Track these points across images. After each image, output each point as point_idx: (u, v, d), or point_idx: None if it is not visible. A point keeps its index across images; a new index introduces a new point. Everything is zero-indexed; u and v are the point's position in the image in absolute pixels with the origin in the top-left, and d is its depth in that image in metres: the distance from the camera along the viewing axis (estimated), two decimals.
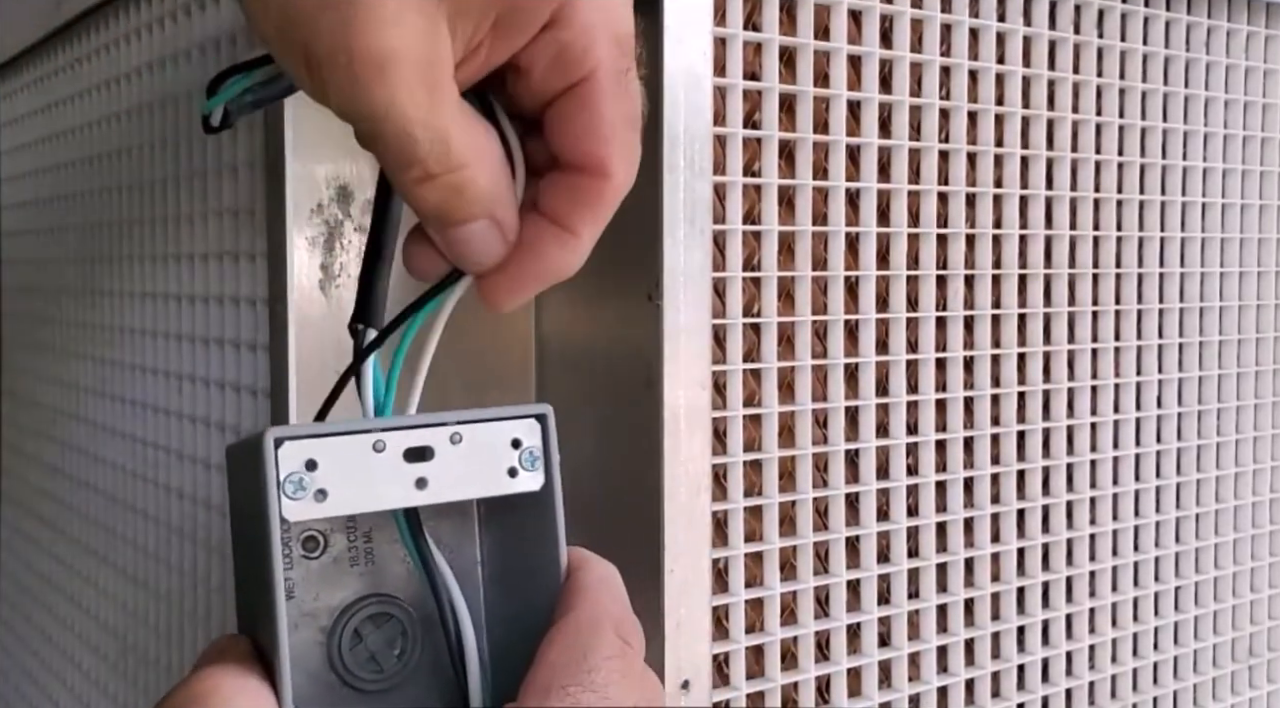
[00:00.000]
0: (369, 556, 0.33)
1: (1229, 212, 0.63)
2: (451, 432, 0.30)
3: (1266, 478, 0.66)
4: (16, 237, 0.80)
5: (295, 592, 0.32)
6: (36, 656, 0.76)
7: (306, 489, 0.29)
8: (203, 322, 0.52)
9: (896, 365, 0.51)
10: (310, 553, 0.32)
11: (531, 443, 0.31)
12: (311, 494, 0.29)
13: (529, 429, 0.31)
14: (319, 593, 0.32)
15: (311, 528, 0.32)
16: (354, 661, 0.32)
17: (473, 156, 0.29)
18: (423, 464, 0.30)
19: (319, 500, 0.29)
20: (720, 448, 0.47)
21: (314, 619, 0.32)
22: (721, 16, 0.45)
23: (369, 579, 0.33)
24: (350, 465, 0.29)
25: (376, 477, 0.29)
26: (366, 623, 0.32)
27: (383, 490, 0.30)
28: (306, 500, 0.29)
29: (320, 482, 0.29)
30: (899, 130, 0.51)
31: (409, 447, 0.30)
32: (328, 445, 0.29)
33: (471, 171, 0.29)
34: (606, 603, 0.31)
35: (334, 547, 0.32)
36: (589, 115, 0.30)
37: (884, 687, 0.52)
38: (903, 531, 0.52)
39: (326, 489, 0.29)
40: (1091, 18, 0.57)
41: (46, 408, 0.74)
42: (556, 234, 0.31)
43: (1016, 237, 0.55)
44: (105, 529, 0.64)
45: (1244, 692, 0.66)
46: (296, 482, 0.29)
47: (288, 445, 0.29)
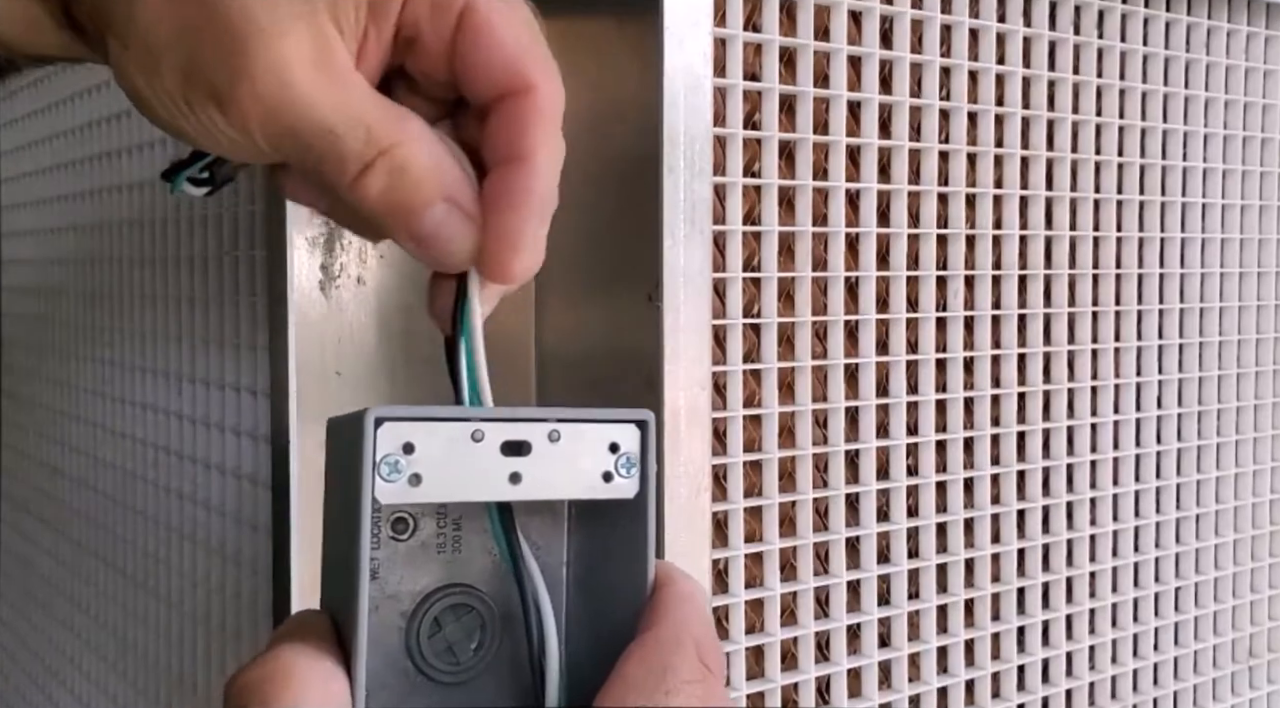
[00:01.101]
0: (456, 544, 0.32)
1: (1229, 212, 0.63)
2: (551, 429, 0.30)
3: (1266, 479, 0.66)
4: (16, 237, 0.80)
5: (380, 572, 0.31)
6: (36, 656, 0.76)
7: (402, 472, 0.28)
8: (202, 322, 0.52)
9: (896, 366, 0.51)
10: (399, 535, 0.32)
11: (630, 449, 0.31)
12: (406, 478, 0.28)
13: (629, 435, 0.31)
14: (403, 576, 0.32)
15: (402, 510, 0.32)
16: (431, 649, 0.32)
17: (402, 135, 0.29)
18: (519, 459, 0.30)
19: (413, 485, 0.29)
20: (720, 448, 0.47)
21: (395, 602, 0.32)
22: (721, 17, 0.46)
23: (454, 568, 0.32)
24: (447, 453, 0.29)
25: (472, 467, 0.29)
26: (447, 613, 0.32)
27: (477, 481, 0.29)
28: (401, 484, 0.28)
29: (416, 466, 0.29)
30: (899, 131, 0.51)
31: (507, 440, 0.29)
32: (427, 430, 0.29)
33: (405, 148, 0.29)
34: (692, 623, 0.30)
35: (423, 531, 0.32)
36: (486, 38, 0.30)
37: (884, 688, 0.52)
38: (903, 531, 0.52)
39: (421, 474, 0.29)
40: (1091, 18, 0.57)
41: (46, 409, 0.74)
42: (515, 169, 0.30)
43: (1016, 237, 0.55)
44: (105, 530, 0.64)
45: (1244, 692, 0.66)
46: (392, 464, 0.28)
47: (388, 426, 0.28)
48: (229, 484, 0.50)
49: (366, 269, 0.45)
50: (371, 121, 0.29)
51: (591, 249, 0.47)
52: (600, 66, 0.46)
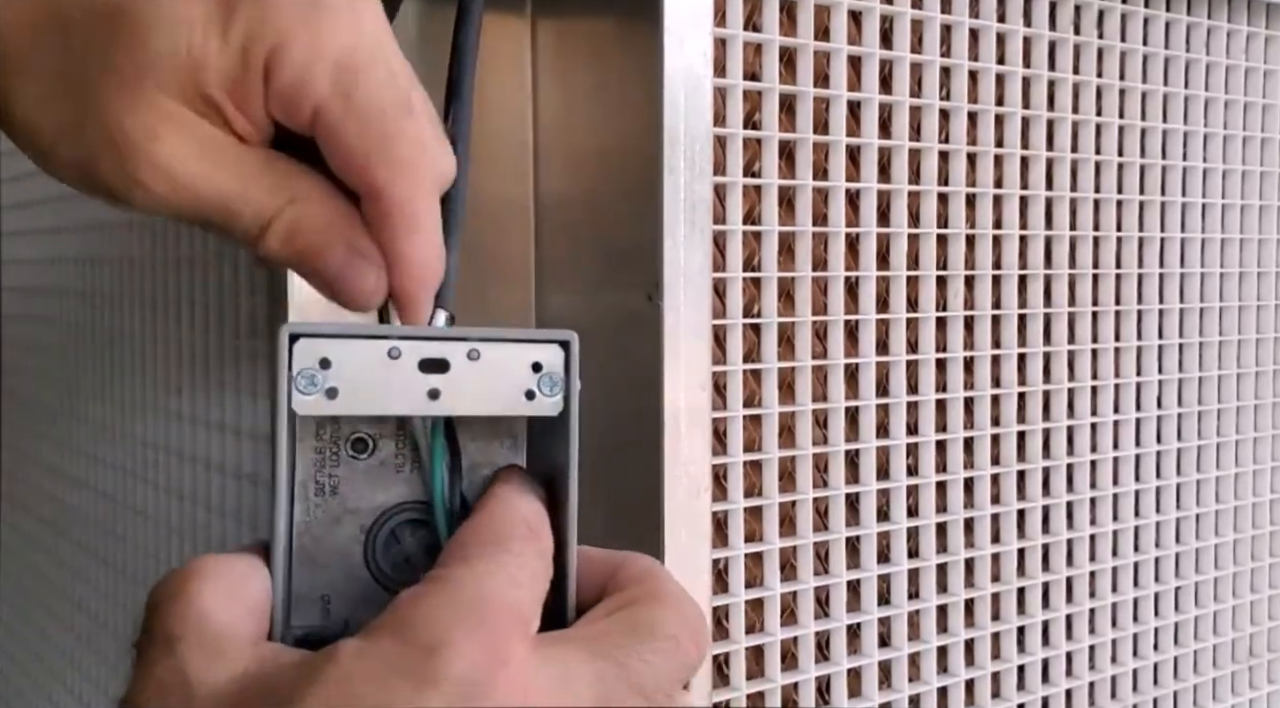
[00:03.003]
0: (415, 464, 0.33)
1: (1229, 212, 0.63)
2: (470, 348, 0.31)
3: (1266, 479, 0.66)
4: (17, 237, 0.80)
5: (340, 488, 0.33)
6: (37, 656, 0.76)
7: (318, 386, 0.30)
8: (202, 323, 0.52)
9: (896, 366, 0.51)
10: (358, 454, 0.33)
11: (553, 368, 0.31)
12: (322, 391, 0.30)
13: (551, 354, 0.32)
14: (363, 492, 0.33)
15: (360, 431, 0.33)
16: (388, 561, 0.33)
17: (291, 198, 0.31)
18: (437, 376, 0.30)
19: (330, 398, 0.30)
20: (720, 448, 0.47)
21: (355, 516, 0.33)
22: (721, 17, 0.46)
23: (414, 487, 0.33)
24: (364, 369, 0.30)
25: (389, 383, 0.30)
26: (404, 527, 0.33)
27: (393, 397, 0.30)
28: (317, 396, 0.30)
29: (332, 380, 0.30)
30: (899, 131, 0.51)
31: (425, 357, 0.30)
32: (343, 346, 0.30)
33: (296, 208, 0.31)
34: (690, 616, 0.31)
35: (382, 451, 0.33)
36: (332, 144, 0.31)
37: (884, 687, 0.52)
38: (903, 531, 0.52)
39: (338, 388, 0.30)
40: (1091, 18, 0.57)
41: (46, 409, 0.74)
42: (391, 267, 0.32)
43: (1016, 237, 0.55)
44: (105, 530, 0.64)
45: (1244, 692, 0.66)
46: (309, 377, 0.30)
47: (304, 342, 0.30)
48: (229, 484, 0.50)
49: None
50: (260, 192, 0.31)
51: (591, 249, 0.47)
52: (600, 66, 0.46)
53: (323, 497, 0.32)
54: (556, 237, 0.49)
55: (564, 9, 0.48)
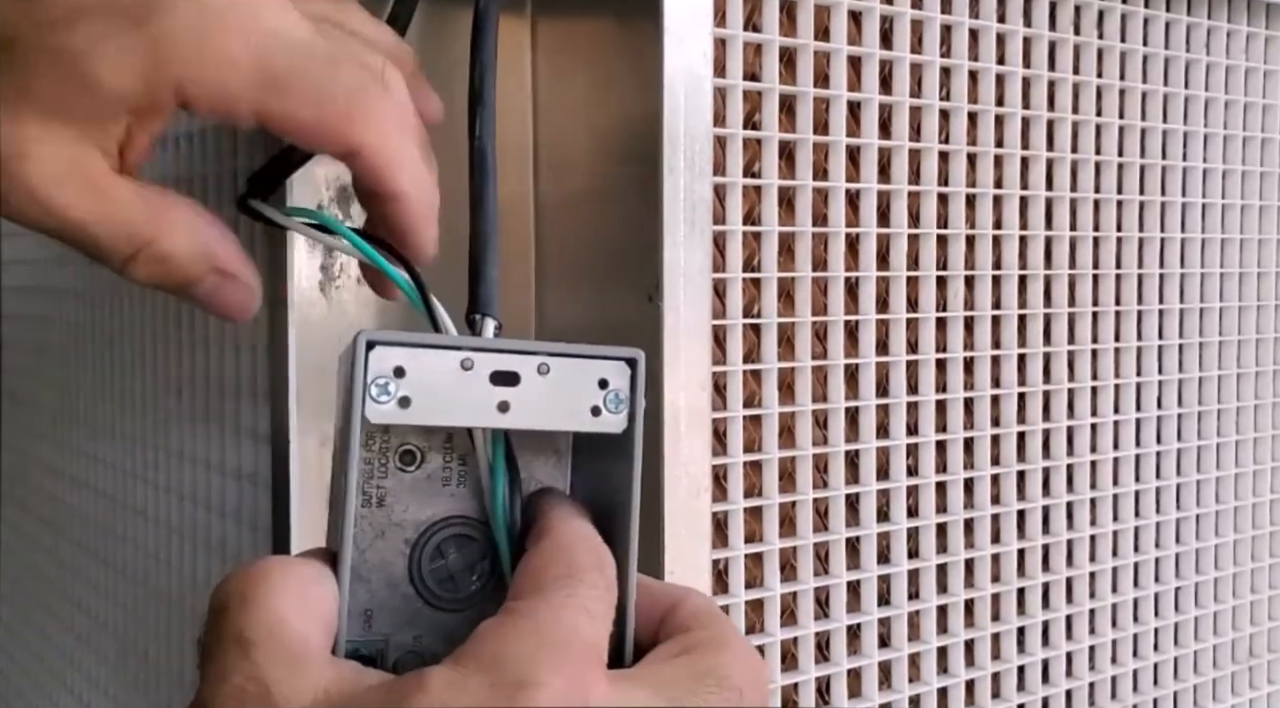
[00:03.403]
0: (462, 478, 0.33)
1: (1229, 212, 0.63)
2: (540, 362, 0.31)
3: (1267, 479, 0.66)
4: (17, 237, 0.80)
5: (387, 500, 0.33)
6: (36, 656, 0.76)
7: (391, 394, 0.30)
8: (202, 323, 0.52)
9: (896, 366, 0.51)
10: (406, 466, 0.33)
11: (619, 385, 0.32)
12: (396, 399, 0.30)
13: (618, 371, 0.32)
14: (409, 506, 0.33)
15: (409, 442, 0.33)
16: (432, 577, 0.33)
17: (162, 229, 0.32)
18: (508, 389, 0.31)
19: (402, 407, 0.30)
20: (720, 449, 0.47)
21: (400, 530, 0.33)
22: (721, 17, 0.46)
23: (460, 502, 0.33)
24: (437, 379, 0.30)
25: (461, 394, 0.30)
26: (449, 542, 0.33)
27: (465, 408, 0.31)
28: (390, 405, 0.30)
29: (405, 389, 0.30)
30: (899, 131, 0.51)
31: (496, 369, 0.31)
32: (417, 355, 0.30)
33: (166, 240, 0.32)
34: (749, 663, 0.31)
35: (430, 463, 0.33)
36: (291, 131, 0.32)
37: (884, 688, 0.52)
38: (903, 531, 0.52)
39: (410, 397, 0.30)
40: (1091, 19, 0.57)
41: (46, 409, 0.74)
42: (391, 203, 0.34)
43: (1016, 237, 0.55)
44: (105, 530, 0.64)
45: (1244, 693, 0.66)
46: (382, 386, 0.30)
47: (379, 349, 0.30)
48: (229, 484, 0.50)
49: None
50: (130, 221, 0.31)
51: (591, 249, 0.47)
52: (600, 66, 0.46)
53: (369, 508, 0.32)
54: (556, 237, 0.49)
55: (564, 9, 0.48)
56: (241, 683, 0.27)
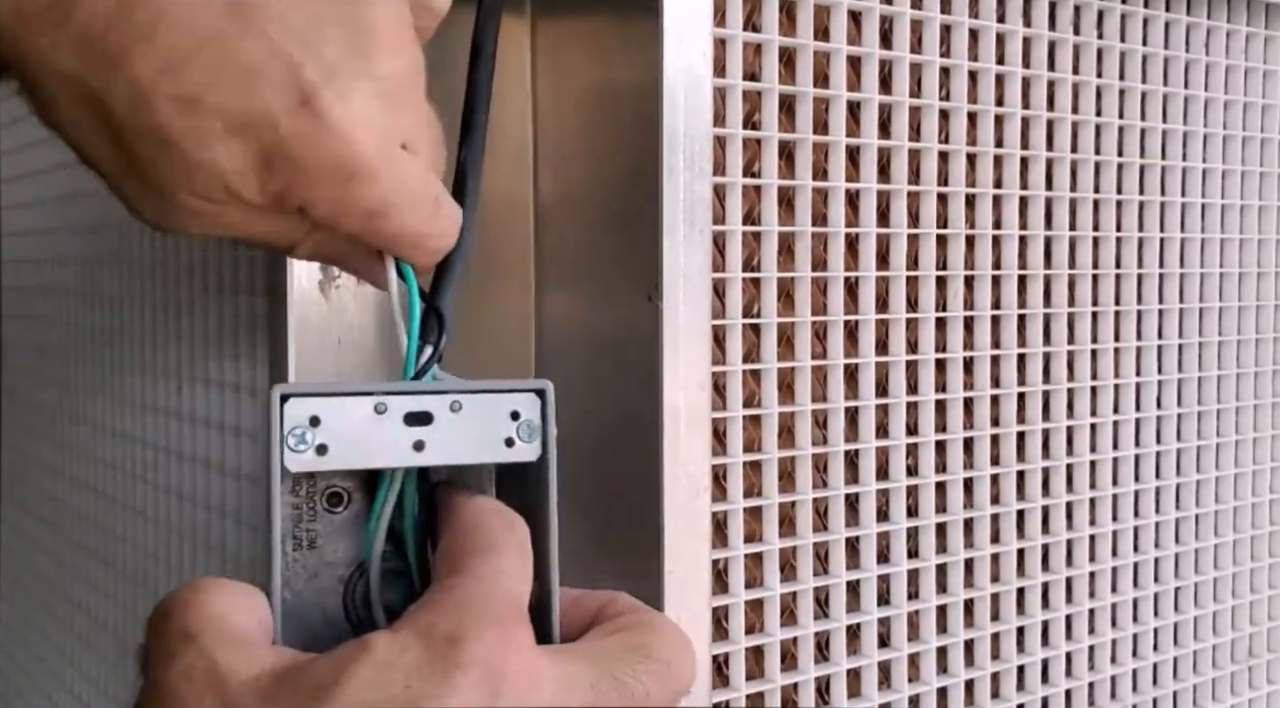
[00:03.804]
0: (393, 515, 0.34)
1: (1229, 212, 0.63)
2: (452, 399, 0.32)
3: (1266, 479, 0.66)
4: (17, 237, 0.80)
5: (318, 542, 0.34)
6: (36, 656, 0.76)
7: (308, 443, 0.31)
8: (202, 323, 0.52)
9: (896, 366, 0.51)
10: (334, 508, 0.34)
11: (530, 416, 0.33)
12: (313, 448, 0.31)
13: (529, 403, 0.33)
14: (340, 546, 0.34)
15: (335, 485, 0.34)
16: (369, 612, 0.34)
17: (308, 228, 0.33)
18: (422, 428, 0.32)
19: (320, 454, 0.31)
20: (720, 449, 0.47)
21: (333, 569, 0.34)
22: (721, 17, 0.46)
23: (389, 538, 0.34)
24: (352, 424, 0.31)
25: (376, 437, 0.32)
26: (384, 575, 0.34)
27: (381, 450, 0.32)
28: (308, 453, 0.31)
29: (321, 437, 0.31)
30: (899, 131, 0.51)
31: (410, 411, 0.32)
32: (331, 404, 0.31)
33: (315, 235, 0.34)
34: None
35: (356, 504, 0.34)
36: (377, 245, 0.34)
37: (884, 688, 0.52)
38: (902, 531, 0.52)
39: (327, 444, 0.31)
40: (1091, 19, 0.57)
41: (46, 408, 0.74)
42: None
43: (1016, 237, 0.55)
44: (105, 530, 0.64)
45: (1244, 693, 0.66)
46: (299, 435, 0.31)
47: (293, 402, 0.31)
48: (229, 484, 0.50)
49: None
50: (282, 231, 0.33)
51: (591, 249, 0.47)
52: (600, 66, 0.46)
53: (300, 551, 0.33)
54: (556, 237, 0.49)
55: (564, 9, 0.48)
56: (189, 662, 0.28)
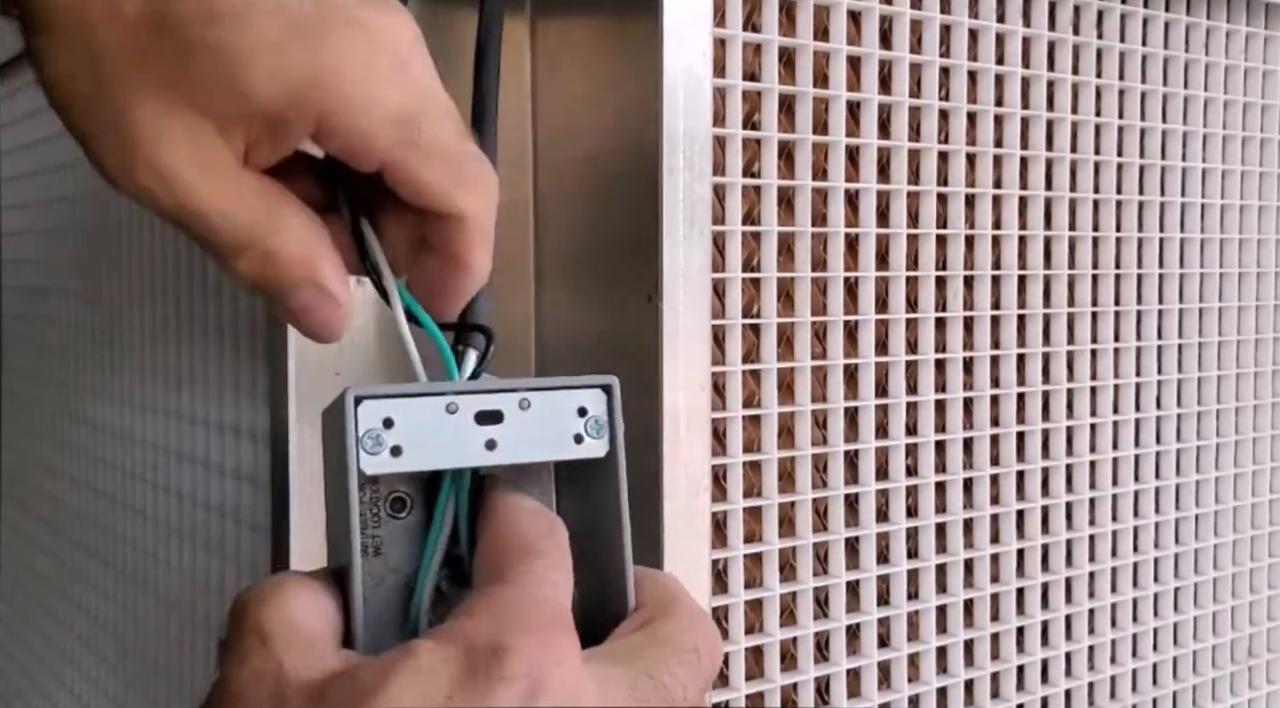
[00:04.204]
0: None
1: (1228, 212, 0.63)
2: (521, 397, 0.32)
3: (1266, 479, 0.66)
4: (17, 237, 0.80)
5: (383, 549, 0.34)
6: (36, 656, 0.76)
7: (383, 445, 0.31)
8: (202, 323, 0.52)
9: (896, 366, 0.51)
10: (397, 514, 0.34)
11: (597, 412, 0.33)
12: (388, 450, 0.31)
13: (595, 399, 0.33)
14: (405, 551, 0.34)
15: (398, 490, 0.34)
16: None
17: (274, 227, 0.32)
18: (493, 427, 0.32)
19: (394, 456, 0.31)
20: (720, 449, 0.47)
21: (398, 575, 0.34)
22: (721, 17, 0.46)
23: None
24: (424, 425, 0.31)
25: (449, 436, 0.32)
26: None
27: (454, 450, 0.32)
28: (383, 456, 0.31)
29: (395, 439, 0.31)
30: (898, 131, 0.51)
31: (480, 410, 0.32)
32: (404, 405, 0.31)
33: (276, 239, 0.32)
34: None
35: (418, 509, 0.34)
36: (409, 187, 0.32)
37: (883, 688, 0.52)
38: (902, 531, 0.52)
39: (401, 446, 0.31)
40: (1091, 19, 0.57)
41: (47, 409, 0.74)
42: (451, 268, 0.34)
43: (1016, 237, 0.55)
44: (105, 530, 0.65)
45: (1243, 693, 0.66)
46: (374, 438, 0.31)
47: (367, 404, 0.31)
48: (229, 484, 0.50)
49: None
50: (245, 214, 0.32)
51: (591, 249, 0.47)
52: (600, 66, 0.46)
53: (366, 558, 0.33)
54: (556, 237, 0.49)
55: (564, 9, 0.48)
56: (258, 665, 0.29)
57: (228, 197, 0.32)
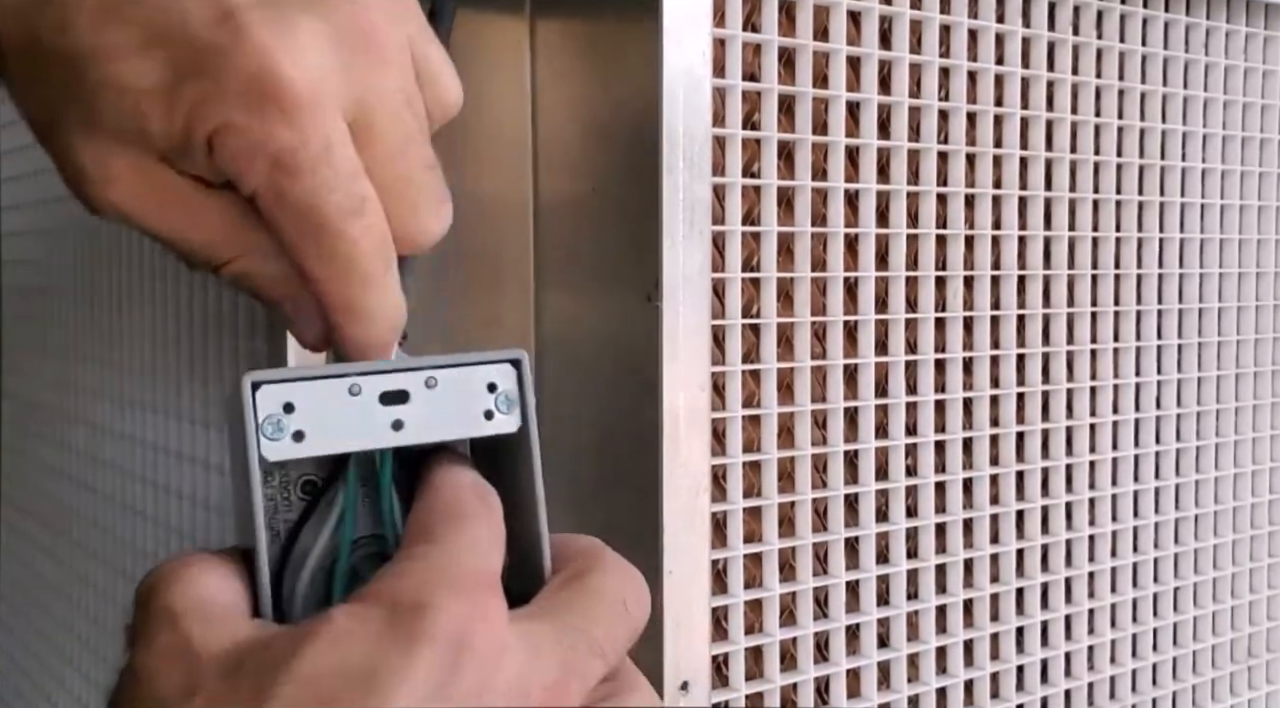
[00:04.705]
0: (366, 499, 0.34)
1: (1228, 213, 0.63)
2: (427, 376, 0.31)
3: (1266, 479, 0.66)
4: (17, 237, 0.80)
5: (295, 531, 0.33)
6: (35, 657, 0.76)
7: (284, 430, 0.30)
8: (201, 323, 0.52)
9: (895, 367, 0.51)
10: (307, 495, 0.33)
11: (507, 387, 0.32)
12: (289, 435, 0.30)
13: (504, 374, 0.32)
14: (318, 533, 0.33)
15: (308, 474, 0.33)
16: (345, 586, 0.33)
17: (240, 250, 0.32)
18: (399, 407, 0.31)
19: (297, 441, 0.30)
20: (719, 449, 0.47)
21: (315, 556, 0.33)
22: (721, 17, 0.46)
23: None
24: (327, 408, 0.30)
25: (353, 419, 0.31)
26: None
27: (359, 432, 0.31)
28: (285, 441, 0.30)
29: (297, 423, 0.30)
30: (898, 131, 0.51)
31: (385, 390, 0.31)
32: (304, 389, 0.30)
33: (243, 262, 0.32)
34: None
35: (330, 491, 0.33)
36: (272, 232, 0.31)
37: (883, 688, 0.52)
38: (902, 531, 0.52)
39: (304, 430, 0.30)
40: (1090, 19, 0.57)
41: (47, 409, 0.74)
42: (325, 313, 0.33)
43: (1015, 238, 0.55)
44: (104, 531, 0.65)
45: (1243, 693, 0.66)
46: (275, 423, 0.30)
47: (265, 389, 0.30)
48: (228, 484, 0.50)
49: None
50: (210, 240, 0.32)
51: (591, 249, 0.47)
52: (600, 66, 0.46)
53: (277, 542, 0.33)
54: (556, 237, 0.49)
55: (563, 9, 0.48)
56: (166, 642, 0.28)
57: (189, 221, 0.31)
